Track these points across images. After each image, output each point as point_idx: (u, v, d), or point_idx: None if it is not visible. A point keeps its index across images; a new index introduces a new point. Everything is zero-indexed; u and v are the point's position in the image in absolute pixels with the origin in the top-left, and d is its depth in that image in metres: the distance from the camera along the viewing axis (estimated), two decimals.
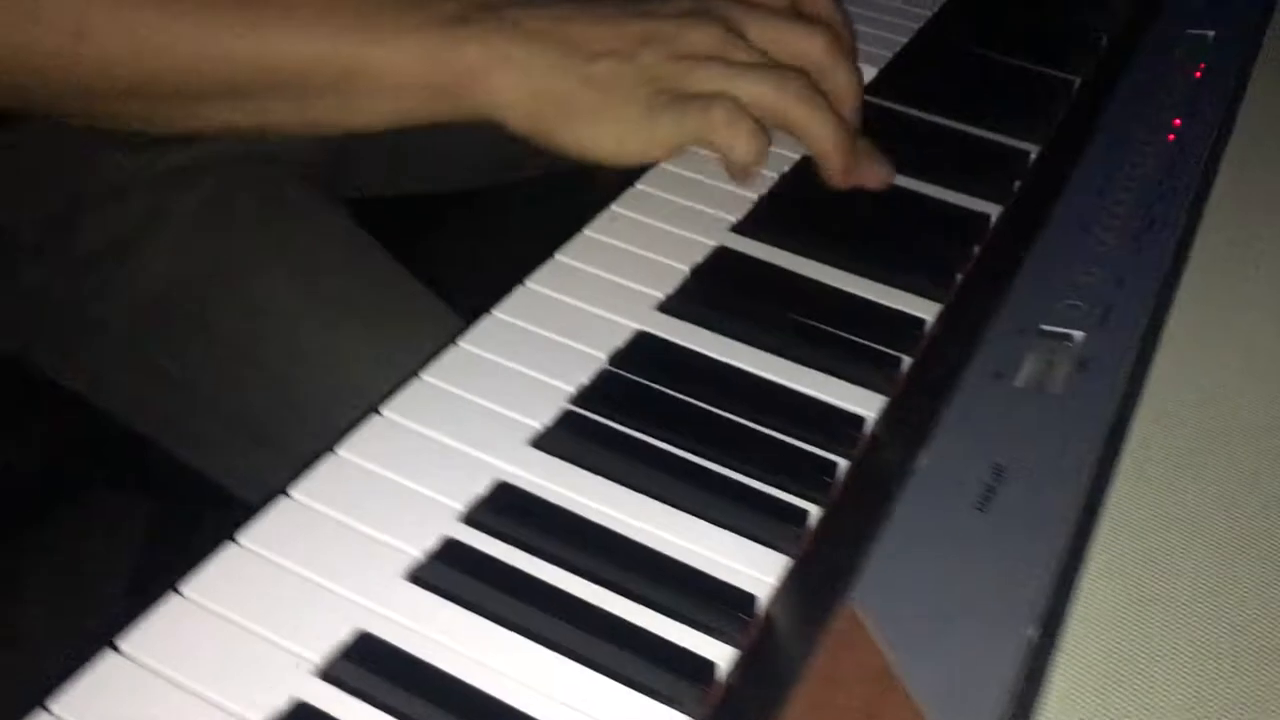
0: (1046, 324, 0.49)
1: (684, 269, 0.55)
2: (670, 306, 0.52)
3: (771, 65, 0.57)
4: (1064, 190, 0.59)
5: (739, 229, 0.57)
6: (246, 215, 0.67)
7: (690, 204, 0.59)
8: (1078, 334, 0.48)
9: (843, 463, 0.45)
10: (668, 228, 0.57)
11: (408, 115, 0.55)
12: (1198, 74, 0.69)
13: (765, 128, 0.57)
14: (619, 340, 0.50)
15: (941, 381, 0.47)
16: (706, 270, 0.55)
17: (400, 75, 0.53)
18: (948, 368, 0.48)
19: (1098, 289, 0.51)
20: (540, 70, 0.54)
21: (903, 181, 0.63)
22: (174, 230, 0.65)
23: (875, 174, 0.59)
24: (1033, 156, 0.67)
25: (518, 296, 0.52)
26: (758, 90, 0.56)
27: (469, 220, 0.93)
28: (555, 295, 0.52)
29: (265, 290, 0.65)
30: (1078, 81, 0.73)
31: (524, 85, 0.54)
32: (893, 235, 0.59)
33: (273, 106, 0.54)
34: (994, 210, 0.63)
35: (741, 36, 0.58)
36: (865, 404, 0.48)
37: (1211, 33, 0.74)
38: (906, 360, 0.49)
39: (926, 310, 0.55)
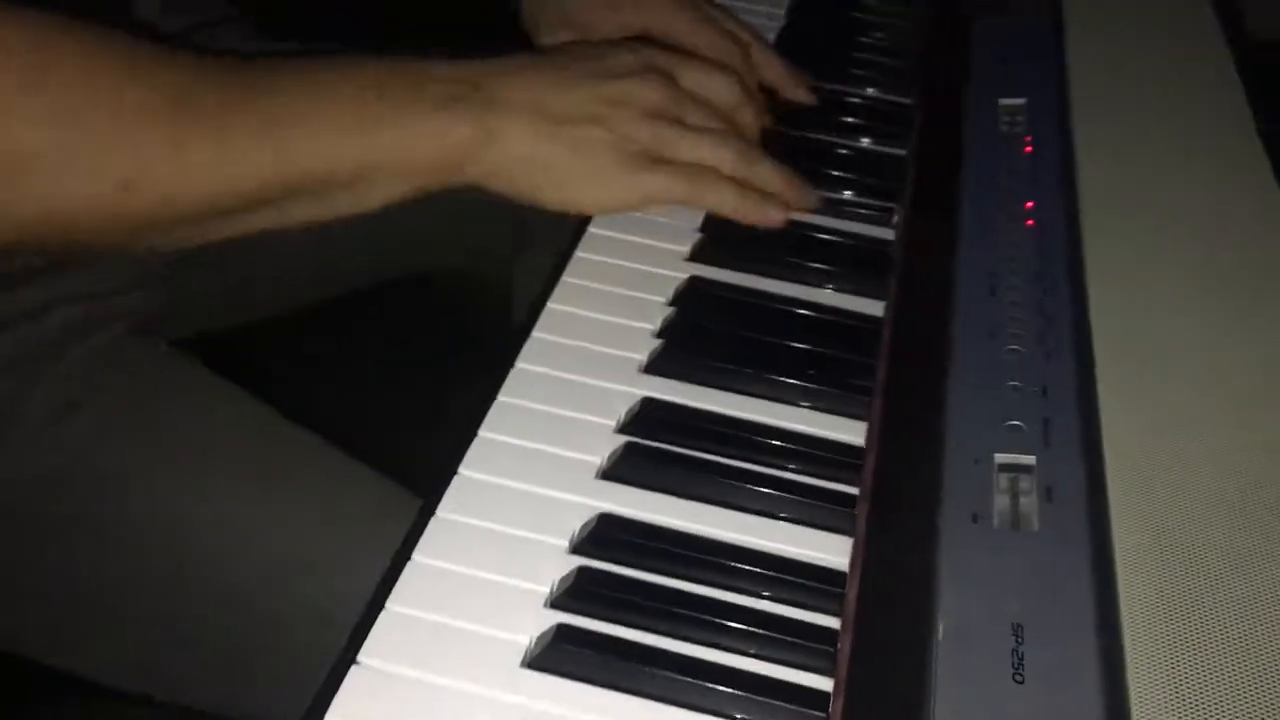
0: (1001, 453, 0.50)
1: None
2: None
3: (721, 130, 0.68)
4: (955, 293, 0.60)
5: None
6: (106, 400, 0.67)
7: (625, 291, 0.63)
8: (1029, 459, 0.50)
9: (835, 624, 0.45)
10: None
11: (416, 191, 0.61)
12: (1028, 149, 0.72)
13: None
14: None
15: (923, 529, 0.47)
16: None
17: (408, 161, 0.59)
18: (921, 512, 0.48)
19: (1030, 404, 0.52)
20: (527, 141, 0.61)
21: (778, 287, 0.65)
22: (24, 426, 0.65)
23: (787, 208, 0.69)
24: (892, 245, 0.69)
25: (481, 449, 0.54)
26: (720, 156, 0.67)
27: (319, 339, 0.91)
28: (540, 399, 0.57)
29: (148, 484, 0.67)
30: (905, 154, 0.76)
31: (513, 155, 0.61)
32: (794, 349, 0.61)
33: (297, 208, 0.59)
34: (878, 308, 0.64)
35: (677, 83, 0.68)
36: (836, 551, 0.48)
37: (1023, 99, 0.78)
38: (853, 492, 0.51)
39: (856, 432, 0.56)
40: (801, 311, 0.64)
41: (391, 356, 1.05)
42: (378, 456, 0.73)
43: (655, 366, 0.59)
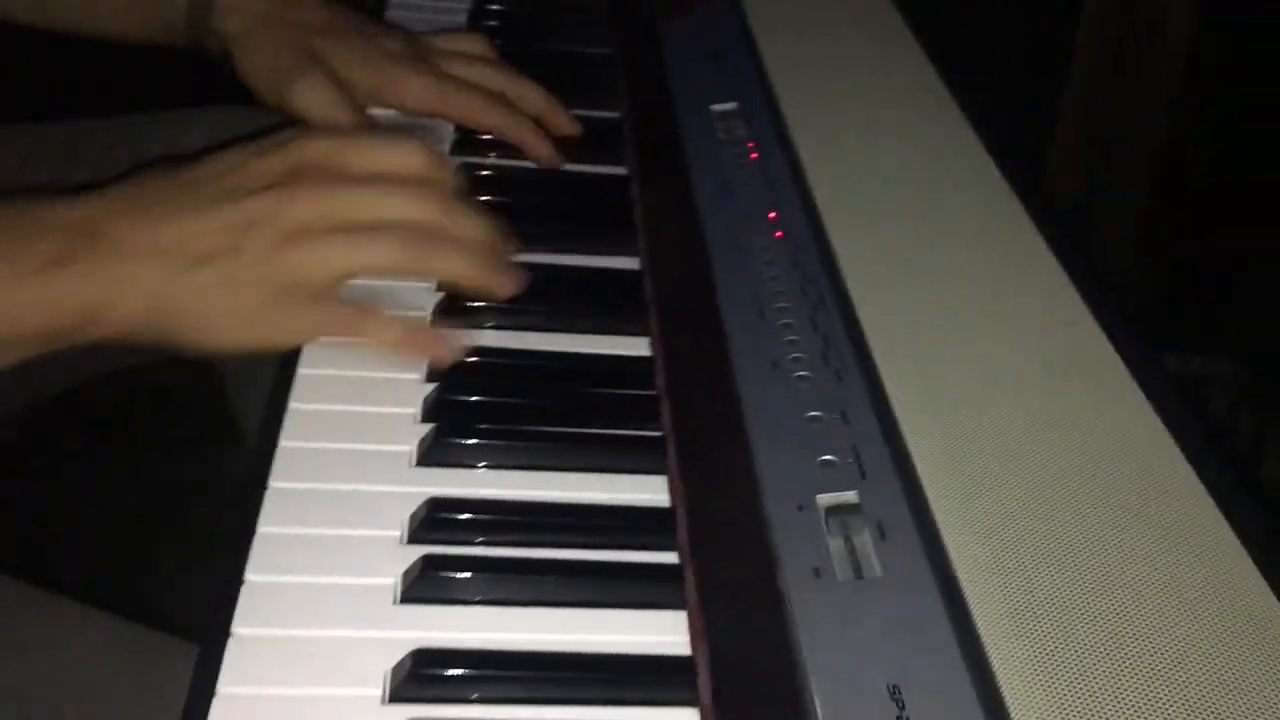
0: (823, 494, 0.48)
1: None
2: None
3: (379, 226, 0.57)
4: (724, 320, 0.58)
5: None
6: None
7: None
8: (852, 496, 0.47)
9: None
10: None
11: (29, 357, 0.54)
12: (753, 155, 0.71)
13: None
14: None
15: (766, 595, 0.44)
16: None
17: (12, 334, 0.52)
18: (758, 576, 0.45)
19: (835, 434, 0.50)
20: (153, 291, 0.53)
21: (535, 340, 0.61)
22: None
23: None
24: (640, 275, 0.66)
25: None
26: (379, 259, 0.57)
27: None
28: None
29: None
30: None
31: (139, 310, 0.53)
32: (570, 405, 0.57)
33: None
34: (644, 346, 0.61)
35: (342, 180, 0.57)
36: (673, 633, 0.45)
37: (734, 104, 0.76)
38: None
39: (659, 490, 0.53)
40: (563, 364, 0.60)
41: (98, 473, 0.94)
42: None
43: (430, 457, 0.53)
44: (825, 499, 0.47)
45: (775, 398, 0.52)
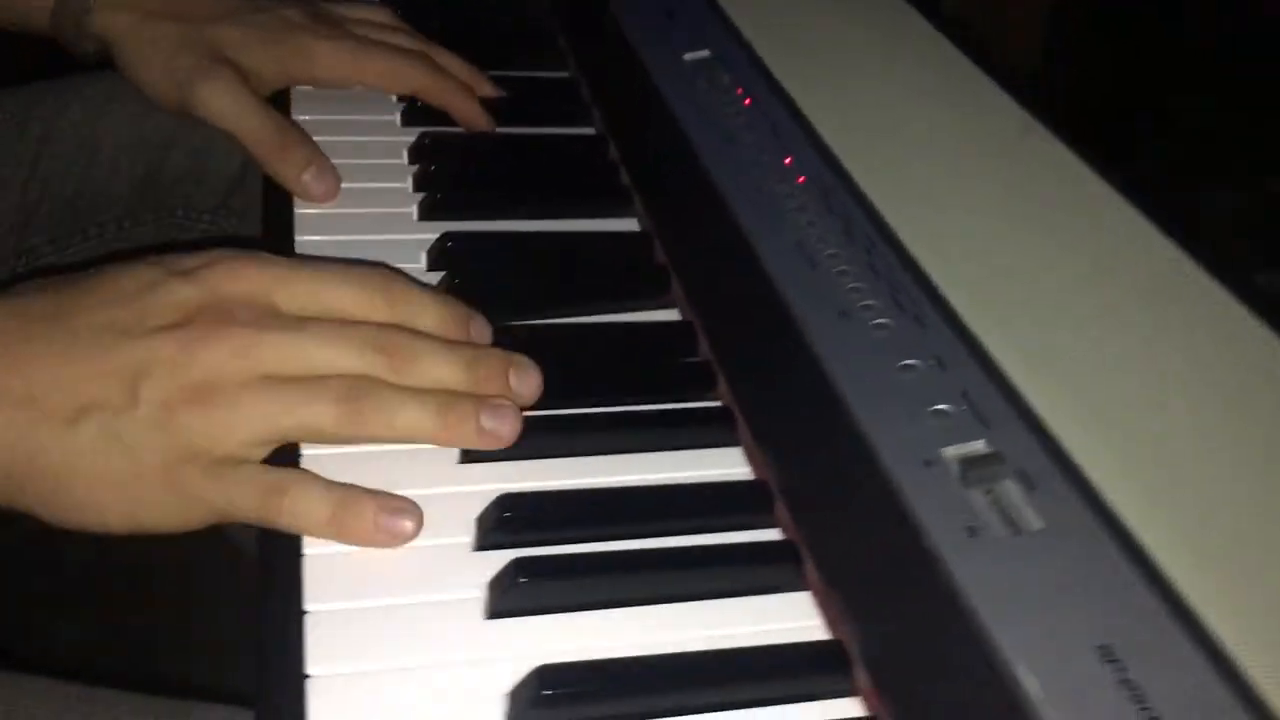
0: (947, 446, 0.43)
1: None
2: None
3: (313, 379, 0.44)
4: (771, 276, 0.53)
5: None
6: None
7: None
8: (980, 445, 0.43)
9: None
10: None
11: None
12: (747, 101, 0.66)
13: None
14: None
15: (915, 560, 0.39)
16: None
17: None
18: (899, 539, 0.40)
19: (938, 380, 0.46)
20: (10, 442, 0.42)
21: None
22: None
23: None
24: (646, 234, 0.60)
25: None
26: (311, 421, 0.43)
27: None
28: None
29: None
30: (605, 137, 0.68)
31: (3, 461, 0.42)
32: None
33: None
34: (673, 313, 0.56)
35: (272, 320, 0.45)
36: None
37: (706, 52, 0.71)
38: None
39: (735, 463, 0.48)
40: (597, 338, 0.54)
41: None
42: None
43: (476, 454, 0.46)
44: (953, 451, 0.43)
45: (856, 350, 0.48)
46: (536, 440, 0.47)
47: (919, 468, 0.42)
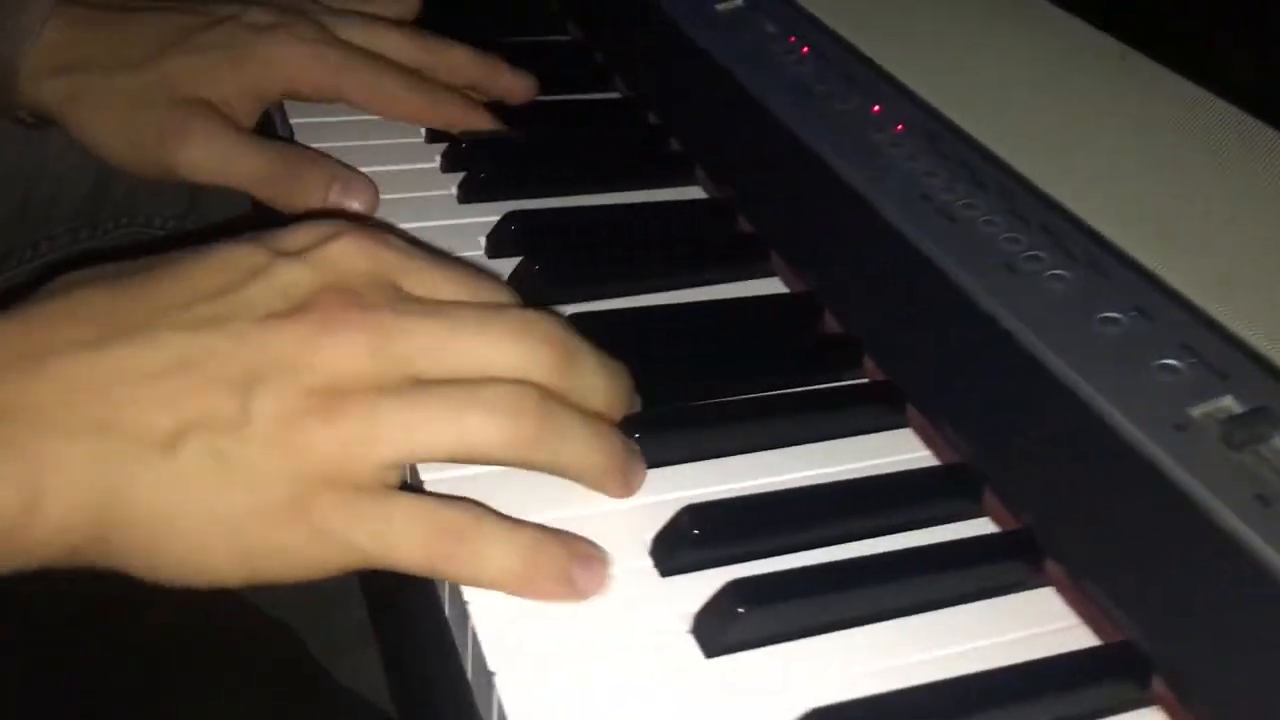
0: (1192, 405, 0.37)
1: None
2: None
3: (479, 387, 0.35)
4: (910, 237, 0.47)
5: None
6: None
7: None
8: (1228, 400, 0.38)
9: None
10: None
11: None
12: (805, 49, 0.59)
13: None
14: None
15: (1196, 541, 0.34)
16: None
17: None
18: (1162, 518, 0.35)
19: (1148, 332, 0.40)
20: (93, 480, 0.32)
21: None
22: None
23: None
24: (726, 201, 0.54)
25: None
26: (478, 442, 0.35)
27: None
28: None
29: None
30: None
31: (73, 510, 0.32)
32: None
33: None
34: (777, 284, 0.50)
35: (419, 309, 0.36)
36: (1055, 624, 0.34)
37: (739, 1, 0.65)
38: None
39: (910, 447, 0.42)
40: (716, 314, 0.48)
41: None
42: None
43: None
44: (1202, 410, 0.37)
45: (1041, 308, 0.42)
46: (689, 441, 0.40)
47: (1172, 433, 0.36)
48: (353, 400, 0.33)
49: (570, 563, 0.34)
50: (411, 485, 0.38)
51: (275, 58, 0.54)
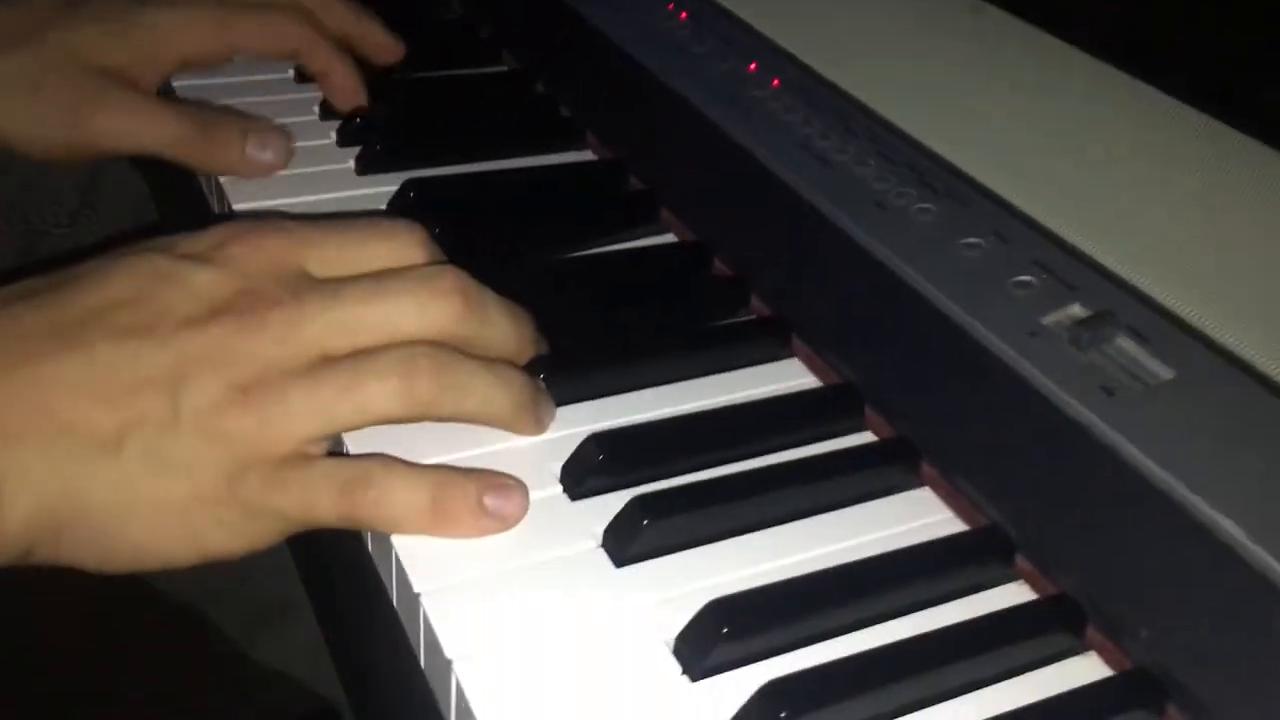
0: (1045, 315, 0.41)
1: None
2: None
3: (377, 354, 0.38)
4: (790, 183, 0.50)
5: None
6: None
7: None
8: (1076, 308, 0.41)
9: None
10: None
11: None
12: (683, 15, 0.62)
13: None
14: None
15: (1066, 424, 0.37)
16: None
17: None
18: (1042, 404, 0.38)
19: (1003, 255, 0.44)
20: (43, 483, 0.35)
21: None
22: None
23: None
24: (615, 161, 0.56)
25: None
26: (379, 407, 0.37)
27: None
28: None
29: None
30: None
31: (26, 512, 0.35)
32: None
33: None
34: (668, 236, 0.52)
35: (318, 290, 0.39)
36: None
37: None
38: None
39: (799, 372, 0.45)
40: (613, 265, 0.50)
41: None
42: None
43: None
44: (1053, 318, 0.41)
45: (910, 238, 0.45)
46: (593, 379, 0.43)
47: (1027, 339, 0.40)
48: (266, 387, 0.36)
49: (482, 493, 0.36)
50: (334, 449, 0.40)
51: (160, 26, 0.55)
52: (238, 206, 0.53)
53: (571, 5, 0.65)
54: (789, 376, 0.45)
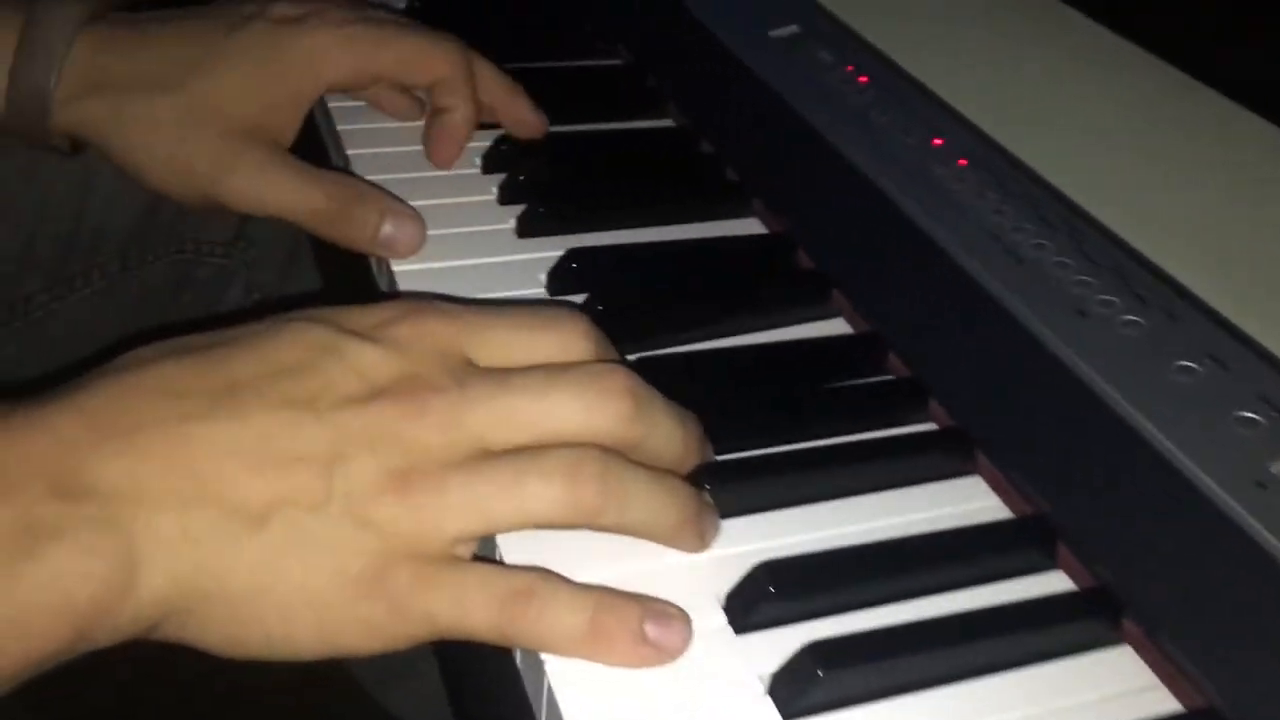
0: (1274, 461, 0.37)
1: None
2: None
3: (544, 454, 0.35)
4: (977, 277, 0.46)
5: None
6: None
7: None
8: None
9: None
10: None
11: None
12: (863, 79, 0.59)
13: None
14: None
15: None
16: None
17: None
18: (1255, 587, 0.34)
19: (1223, 384, 0.40)
20: (177, 558, 0.33)
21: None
22: None
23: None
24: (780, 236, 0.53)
25: None
26: (540, 511, 0.35)
27: None
28: None
29: None
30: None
31: (157, 586, 0.32)
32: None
33: None
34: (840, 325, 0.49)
35: (485, 381, 0.36)
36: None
37: (794, 27, 0.64)
38: None
39: (979, 496, 0.41)
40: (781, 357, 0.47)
41: None
42: None
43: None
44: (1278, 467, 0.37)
45: (1114, 355, 0.41)
46: (762, 493, 0.40)
47: (1254, 490, 0.36)
48: (424, 478, 0.34)
49: (643, 621, 0.34)
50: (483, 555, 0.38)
51: (305, 52, 0.53)
52: (396, 269, 0.51)
53: (744, 61, 0.62)
54: (971, 498, 0.41)
